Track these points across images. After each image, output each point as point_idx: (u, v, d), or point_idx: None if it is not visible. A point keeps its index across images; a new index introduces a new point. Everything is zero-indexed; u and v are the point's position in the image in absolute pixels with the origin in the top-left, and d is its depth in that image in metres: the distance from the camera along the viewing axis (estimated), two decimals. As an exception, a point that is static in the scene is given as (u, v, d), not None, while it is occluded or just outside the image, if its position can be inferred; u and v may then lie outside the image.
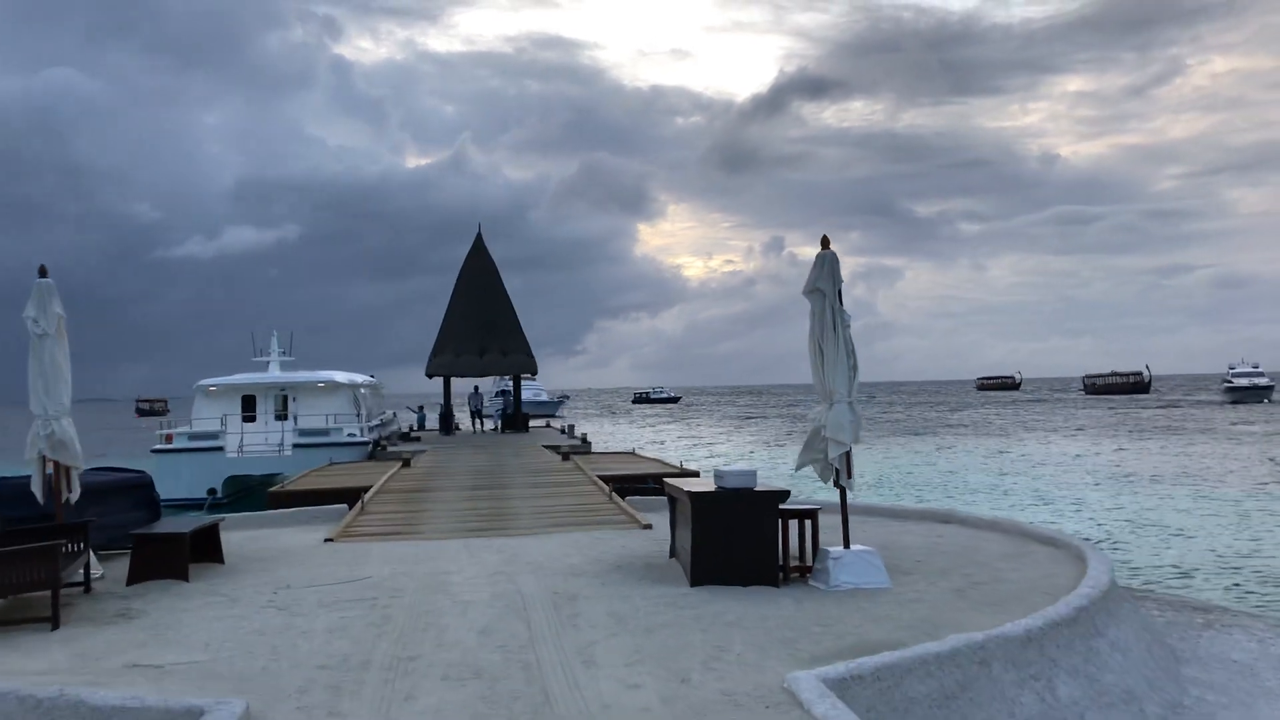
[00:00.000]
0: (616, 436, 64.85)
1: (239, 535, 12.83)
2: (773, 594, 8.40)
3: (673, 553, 10.14)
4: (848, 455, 8.90)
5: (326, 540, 12.00)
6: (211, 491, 33.93)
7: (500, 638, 7.09)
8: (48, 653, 6.99)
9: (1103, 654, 7.04)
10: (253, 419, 36.44)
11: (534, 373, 42.94)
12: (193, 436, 35.13)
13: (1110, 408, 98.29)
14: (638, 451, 31.06)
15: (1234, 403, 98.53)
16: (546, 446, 29.79)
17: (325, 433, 35.22)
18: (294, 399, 36.96)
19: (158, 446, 34.94)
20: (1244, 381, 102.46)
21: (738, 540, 8.72)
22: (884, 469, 42.46)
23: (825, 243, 8.97)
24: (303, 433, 35.09)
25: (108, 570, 9.88)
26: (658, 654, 6.54)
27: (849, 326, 8.93)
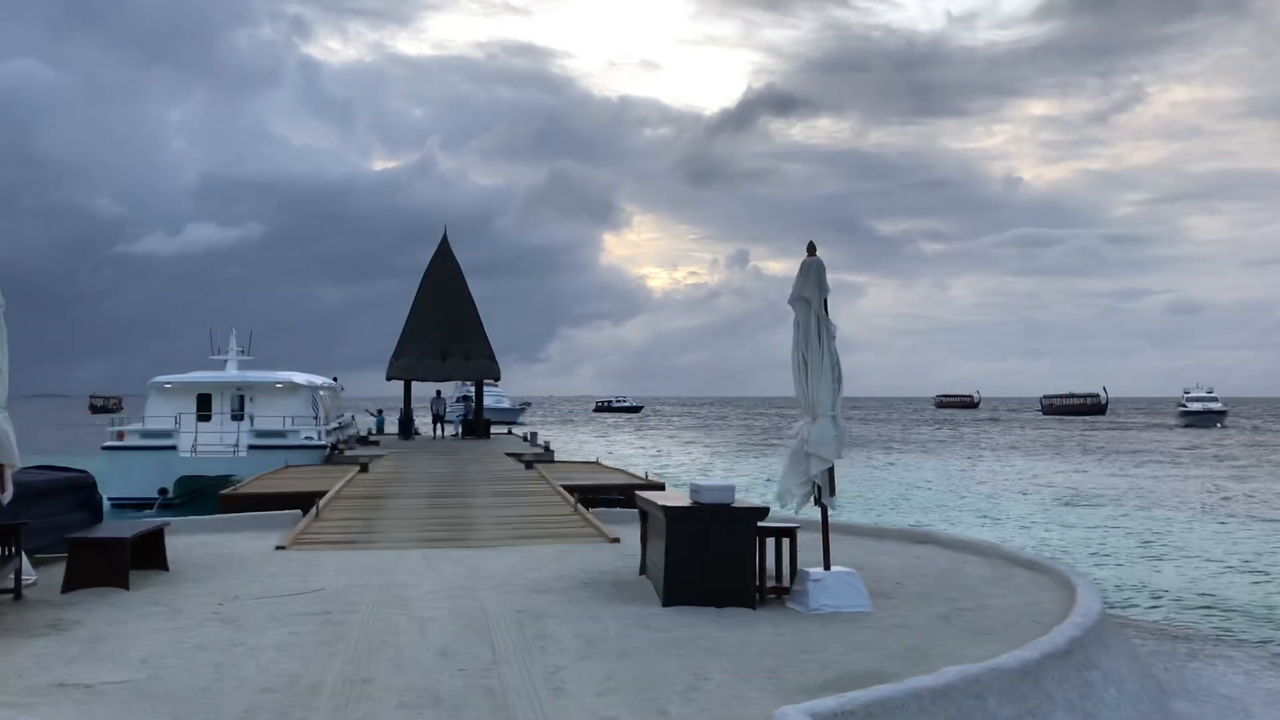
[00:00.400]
0: (579, 445, 64.33)
1: (186, 540, 12.24)
2: (750, 617, 8.00)
3: (643, 569, 9.71)
4: (830, 472, 8.53)
5: (278, 548, 11.45)
6: (163, 491, 33.02)
7: (461, 659, 6.62)
8: (-33, 668, 6.43)
9: (1097, 688, 6.69)
10: (208, 418, 35.57)
11: (497, 378, 42.46)
12: (145, 434, 34.20)
13: (1067, 428, 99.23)
14: (601, 461, 30.60)
15: (1187, 426, 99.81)
16: (509, 454, 29.26)
17: (282, 434, 34.43)
18: (251, 399, 36.12)
19: (109, 443, 33.98)
20: (1198, 406, 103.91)
21: (714, 559, 8.31)
22: (840, 484, 42.17)
23: (811, 249, 8.61)
24: (259, 434, 34.27)
25: (43, 576, 9.28)
26: (632, 682, 6.10)
27: (834, 338, 8.57)
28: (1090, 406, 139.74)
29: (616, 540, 11.99)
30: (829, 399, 8.47)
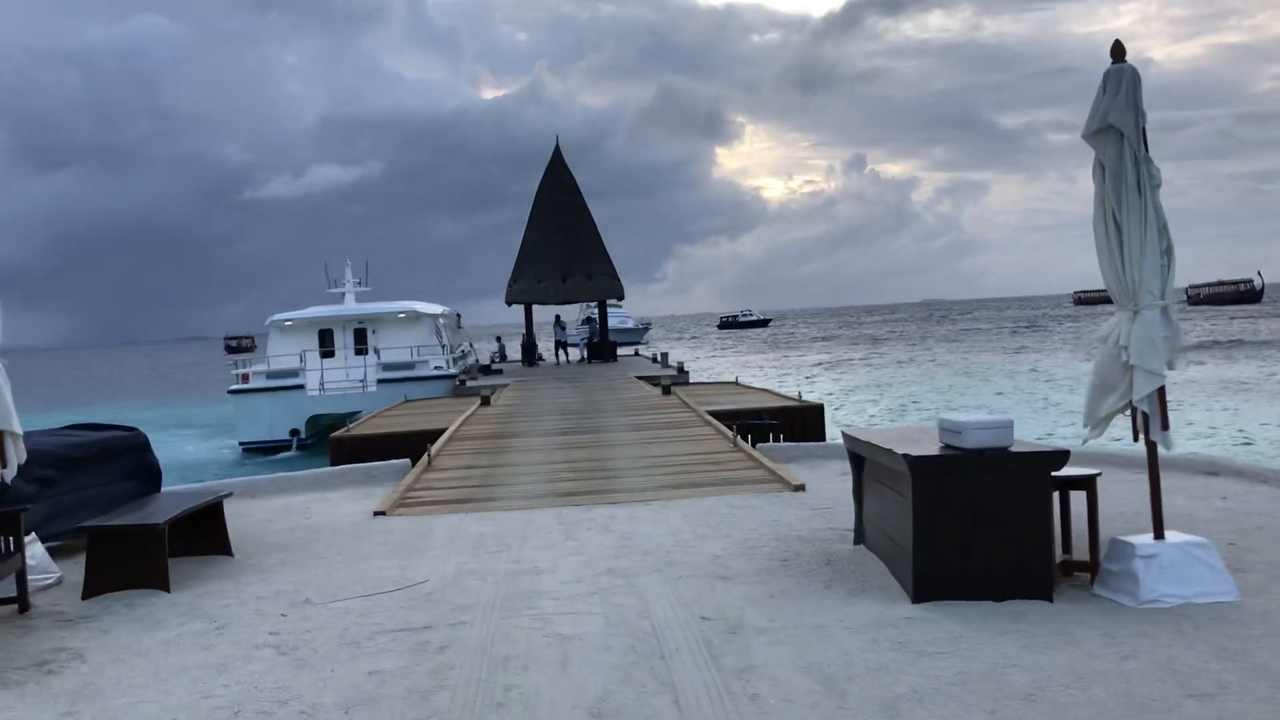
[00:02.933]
0: (710, 365, 61.75)
1: (269, 505, 10.06)
2: (1056, 619, 5.22)
3: (860, 537, 6.99)
4: (1160, 393, 5.61)
5: (377, 513, 9.12)
6: (294, 432, 31.94)
7: (630, 727, 4.07)
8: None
9: None
10: (331, 354, 34.21)
11: (621, 297, 39.95)
12: (270, 375, 33.06)
13: (1220, 319, 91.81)
14: (741, 381, 27.87)
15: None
16: (640, 378, 26.80)
17: (410, 366, 32.89)
18: (373, 331, 34.59)
19: (234, 387, 32.94)
20: None
21: (989, 530, 5.53)
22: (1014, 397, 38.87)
23: (1119, 52, 5.58)
24: (386, 367, 32.75)
25: (74, 572, 7.09)
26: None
27: (1159, 187, 5.57)
28: (1243, 294, 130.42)
29: (801, 487, 9.28)
30: (1157, 280, 5.52)
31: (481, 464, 12.00)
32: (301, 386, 32.15)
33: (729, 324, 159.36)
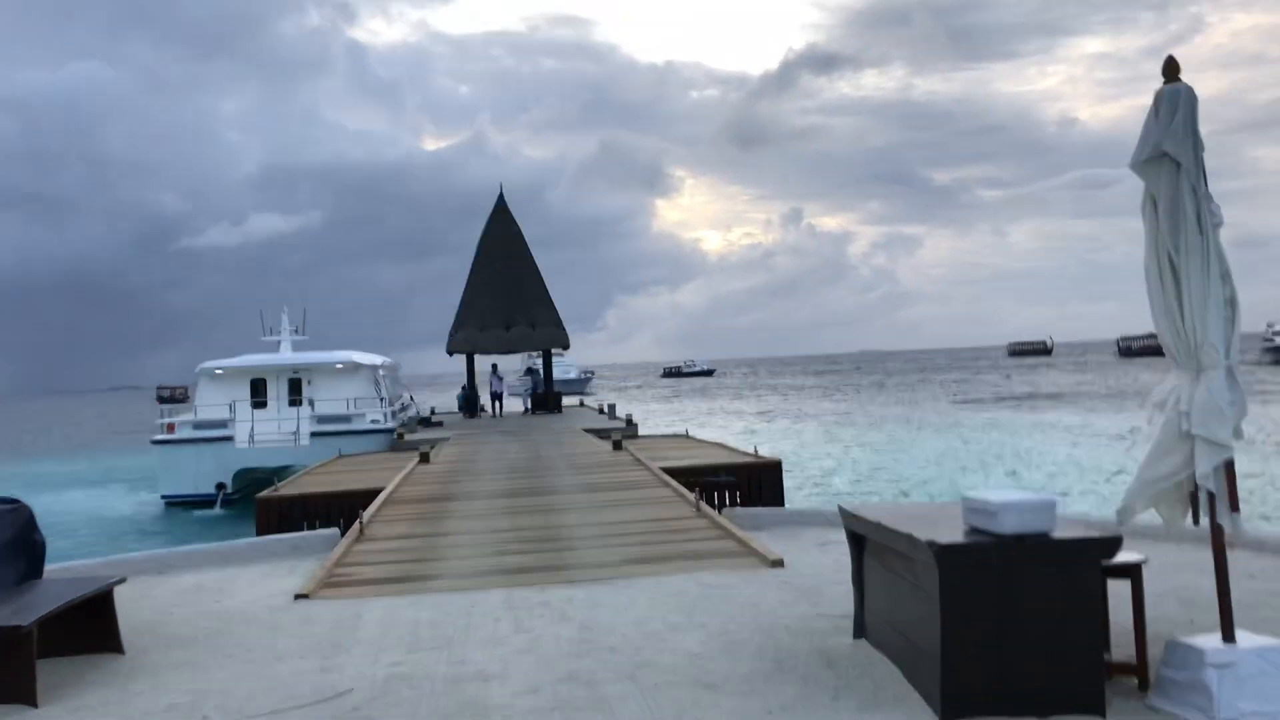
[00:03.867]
0: (655, 416, 60.82)
1: (177, 584, 8.87)
2: (1120, 745, 4.31)
3: (861, 629, 6.04)
4: (1229, 468, 4.77)
5: (298, 596, 7.98)
6: (220, 486, 30.37)
7: None
8: None
9: None
10: (263, 405, 32.65)
11: (566, 346, 38.98)
12: (197, 425, 31.48)
13: (1155, 371, 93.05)
14: (691, 434, 26.94)
15: (1276, 363, 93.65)
16: (587, 430, 25.78)
17: (346, 419, 31.50)
18: (309, 382, 33.13)
19: (159, 437, 31.30)
20: None
21: (1030, 632, 4.63)
22: (943, 461, 38.43)
23: (1172, 70, 4.80)
24: (321, 419, 31.32)
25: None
26: None
27: (1220, 226, 4.78)
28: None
29: (779, 563, 8.33)
30: (1221, 335, 4.70)
31: (419, 532, 10.88)
32: (230, 438, 30.63)
33: (673, 373, 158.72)
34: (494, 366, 39.49)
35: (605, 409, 35.39)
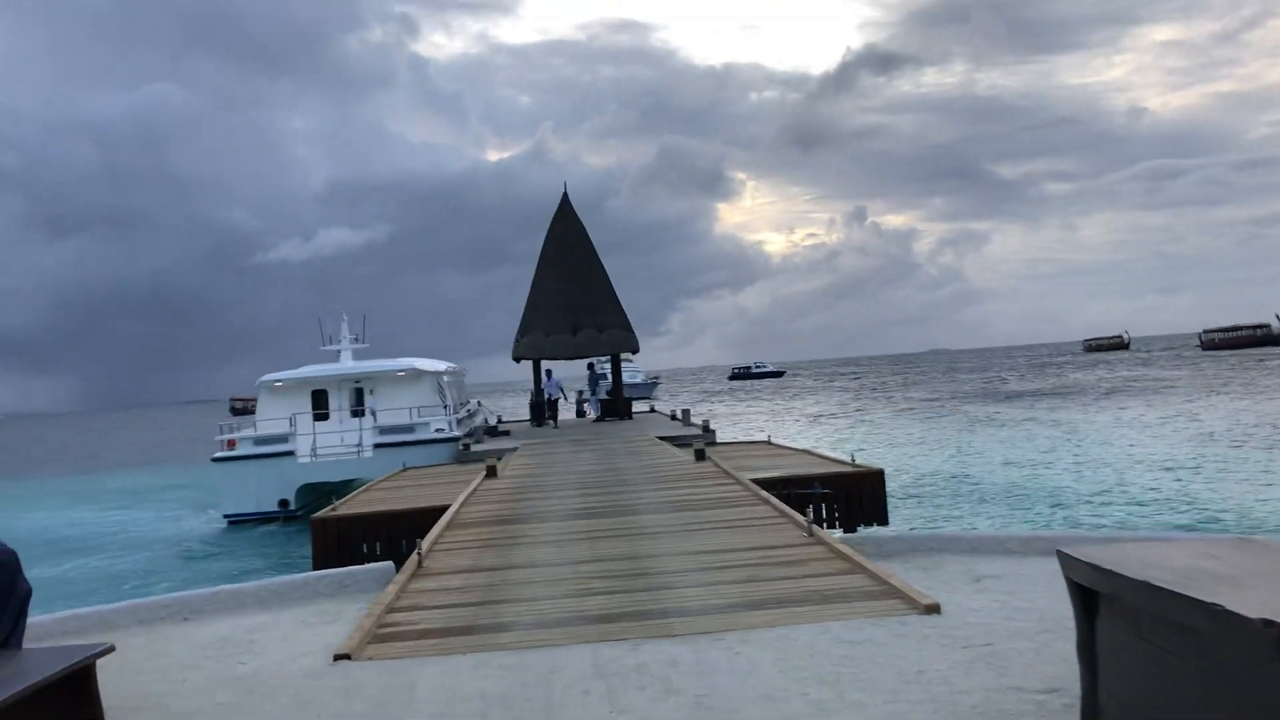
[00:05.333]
0: (730, 420, 59.02)
1: (202, 634, 7.46)
2: None
3: (1095, 717, 4.35)
4: None
5: (337, 658, 6.49)
6: (283, 503, 29.36)
7: None
8: None
9: None
10: (325, 417, 31.54)
11: (635, 350, 37.35)
12: (258, 441, 30.50)
13: (1245, 365, 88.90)
14: (774, 441, 25.18)
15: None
16: (662, 438, 24.16)
17: (410, 429, 30.29)
18: (371, 391, 31.97)
19: (219, 454, 30.35)
20: None
21: None
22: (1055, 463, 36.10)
23: None
24: (384, 430, 30.16)
25: None
26: None
27: None
28: (1260, 339, 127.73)
29: (935, 608, 6.64)
30: None
31: (486, 564, 9.37)
32: (291, 453, 29.61)
33: (741, 375, 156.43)
34: (548, 373, 37.15)
35: (679, 414, 33.73)
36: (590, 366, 37.86)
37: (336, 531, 15.45)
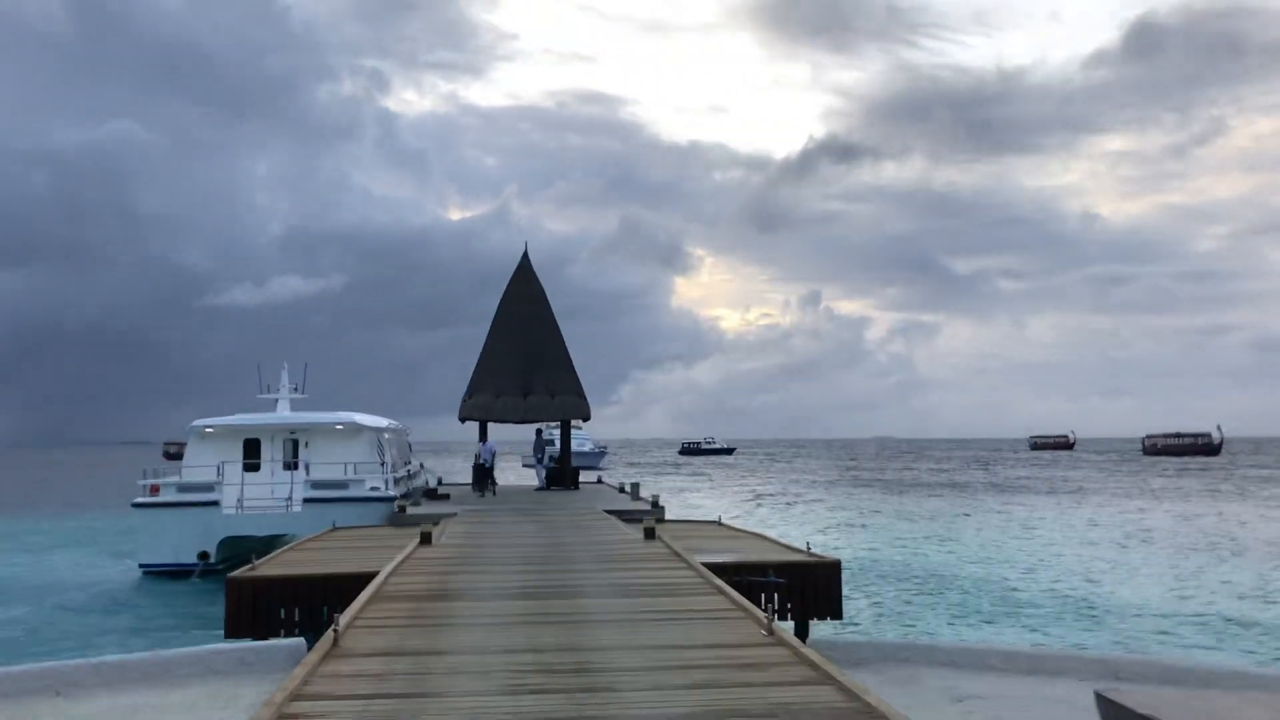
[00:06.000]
0: (678, 496, 58.01)
1: (85, 710, 6.42)
2: None
3: None
4: None
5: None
6: (203, 555, 27.77)
7: None
8: None
9: None
10: (256, 467, 30.18)
11: (587, 418, 36.40)
12: (183, 488, 28.99)
13: (1190, 472, 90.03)
14: (724, 521, 24.32)
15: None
16: (610, 512, 23.22)
17: (344, 485, 28.98)
18: (306, 444, 30.70)
19: (140, 499, 28.78)
20: None
21: None
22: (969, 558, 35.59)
23: None
24: (316, 485, 28.83)
25: None
26: None
27: None
28: (1200, 447, 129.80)
29: (919, 735, 5.81)
30: None
31: (410, 646, 8.39)
32: (216, 503, 28.18)
33: (691, 450, 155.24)
34: (538, 432, 35.95)
35: (628, 488, 32.82)
36: (538, 433, 36.84)
37: (253, 593, 14.29)
